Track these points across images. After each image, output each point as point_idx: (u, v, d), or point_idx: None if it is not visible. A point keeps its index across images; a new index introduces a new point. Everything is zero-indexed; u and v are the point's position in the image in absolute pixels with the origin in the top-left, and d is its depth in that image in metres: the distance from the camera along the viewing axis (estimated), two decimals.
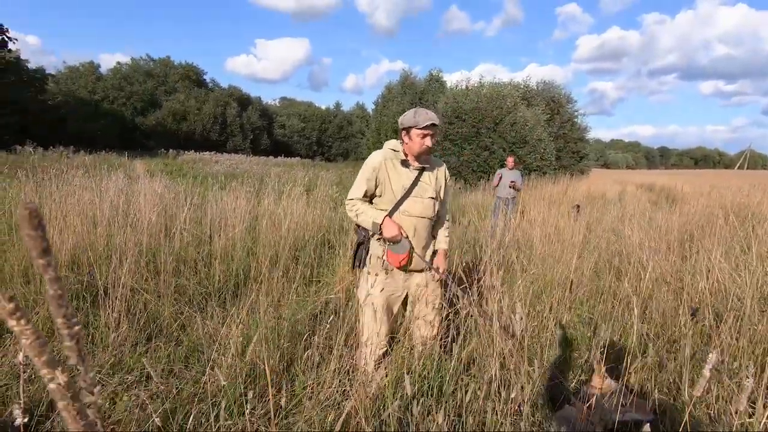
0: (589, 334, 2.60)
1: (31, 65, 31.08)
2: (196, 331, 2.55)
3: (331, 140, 47.37)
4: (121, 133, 35.00)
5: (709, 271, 3.01)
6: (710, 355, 0.88)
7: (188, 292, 3.24)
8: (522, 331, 1.67)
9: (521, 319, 1.65)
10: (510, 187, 7.08)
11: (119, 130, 35.01)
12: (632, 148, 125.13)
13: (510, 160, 7.32)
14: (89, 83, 37.08)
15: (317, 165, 28.33)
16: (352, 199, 2.16)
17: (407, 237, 2.09)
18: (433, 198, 2.19)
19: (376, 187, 2.15)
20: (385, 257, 2.11)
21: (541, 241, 4.18)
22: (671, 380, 1.99)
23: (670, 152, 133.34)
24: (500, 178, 7.25)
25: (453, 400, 1.77)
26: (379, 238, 2.13)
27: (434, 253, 2.28)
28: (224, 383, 1.58)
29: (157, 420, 1.60)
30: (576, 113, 21.97)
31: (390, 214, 2.10)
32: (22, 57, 29.75)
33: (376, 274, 2.14)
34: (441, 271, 2.20)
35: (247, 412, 1.61)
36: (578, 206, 8.70)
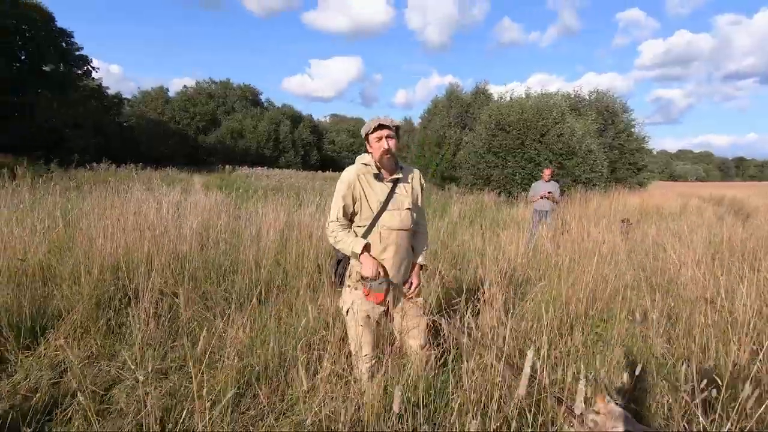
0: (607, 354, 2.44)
1: (111, 91, 34.59)
2: (213, 334, 2.69)
3: None
4: (185, 151, 37.76)
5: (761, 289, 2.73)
6: None
7: (214, 297, 3.42)
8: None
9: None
10: (546, 198, 6.83)
11: (184, 147, 37.79)
12: (703, 159, 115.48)
13: (547, 172, 7.08)
14: (159, 106, 40.50)
15: None
16: (332, 222, 2.15)
17: (385, 275, 2.08)
18: (409, 209, 2.18)
19: (354, 203, 2.14)
20: (362, 292, 2.10)
21: (571, 255, 3.99)
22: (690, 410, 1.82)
23: (747, 163, 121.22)
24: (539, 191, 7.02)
25: (443, 413, 1.74)
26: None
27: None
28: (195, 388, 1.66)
29: (157, 412, 1.73)
30: (633, 122, 20.79)
31: (369, 229, 2.11)
32: (104, 84, 33.24)
33: (356, 288, 2.14)
34: (413, 287, 2.21)
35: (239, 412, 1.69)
36: (627, 220, 8.18)
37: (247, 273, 3.85)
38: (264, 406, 1.90)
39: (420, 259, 2.30)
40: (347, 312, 2.15)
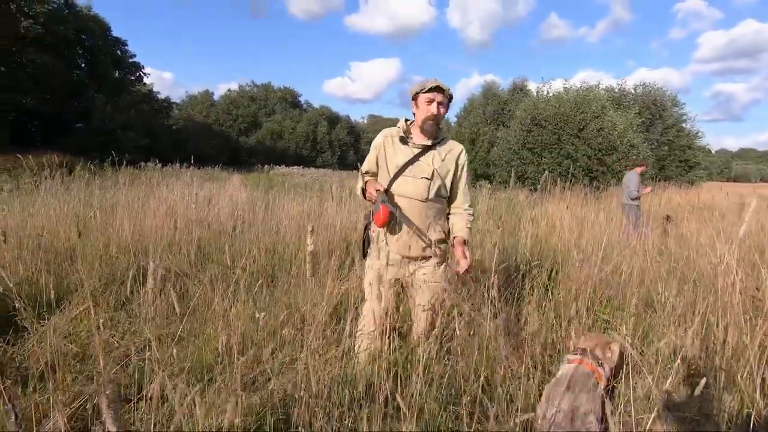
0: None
1: (161, 96, 36.63)
2: (212, 310, 2.75)
3: None
4: (228, 152, 39.36)
5: None
6: None
7: (224, 279, 3.50)
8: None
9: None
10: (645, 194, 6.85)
11: (226, 148, 39.40)
12: None
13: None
14: (204, 109, 42.47)
15: None
16: (362, 174, 2.16)
17: (384, 191, 1.97)
18: (427, 179, 1.99)
19: (378, 165, 2.12)
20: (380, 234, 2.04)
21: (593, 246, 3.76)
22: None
23: None
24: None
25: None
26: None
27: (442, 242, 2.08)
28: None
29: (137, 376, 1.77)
30: (684, 117, 19.51)
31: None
32: (156, 90, 35.27)
33: (369, 257, 2.11)
34: (462, 265, 1.92)
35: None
36: (668, 216, 7.70)
37: (259, 258, 3.93)
38: (242, 375, 1.91)
39: (461, 233, 2.05)
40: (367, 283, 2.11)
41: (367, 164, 2.15)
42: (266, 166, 30.05)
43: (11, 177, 12.04)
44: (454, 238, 2.05)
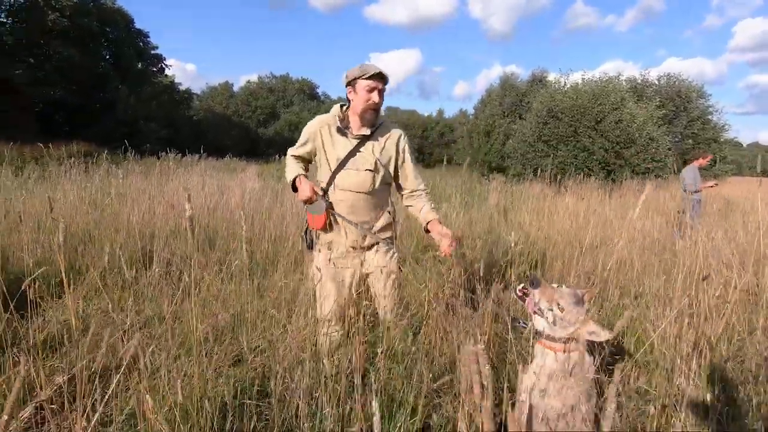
0: None
1: (183, 87, 37.26)
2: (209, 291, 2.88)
3: (432, 147, 47.75)
4: (246, 143, 39.89)
5: None
6: None
7: (225, 263, 3.64)
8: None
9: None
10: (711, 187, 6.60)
11: (245, 140, 39.95)
12: None
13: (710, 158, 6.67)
14: (224, 100, 43.08)
15: None
16: (289, 156, 2.11)
17: (323, 196, 1.96)
18: (371, 170, 1.96)
19: (314, 155, 2.06)
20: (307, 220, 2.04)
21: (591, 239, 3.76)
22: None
23: None
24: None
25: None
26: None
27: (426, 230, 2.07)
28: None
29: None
30: (710, 109, 18.82)
31: (326, 189, 2.02)
32: (180, 81, 35.93)
33: (319, 250, 2.05)
34: (449, 242, 1.90)
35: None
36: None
37: (259, 244, 4.06)
38: (228, 353, 2.03)
39: (433, 215, 2.04)
40: (312, 276, 2.09)
41: (302, 148, 2.06)
42: (283, 157, 30.44)
43: (38, 165, 12.59)
44: (427, 223, 2.04)
